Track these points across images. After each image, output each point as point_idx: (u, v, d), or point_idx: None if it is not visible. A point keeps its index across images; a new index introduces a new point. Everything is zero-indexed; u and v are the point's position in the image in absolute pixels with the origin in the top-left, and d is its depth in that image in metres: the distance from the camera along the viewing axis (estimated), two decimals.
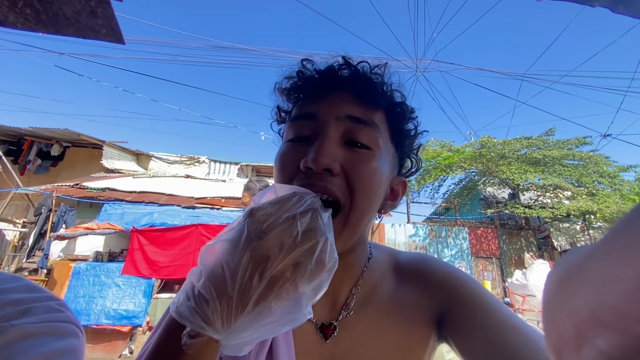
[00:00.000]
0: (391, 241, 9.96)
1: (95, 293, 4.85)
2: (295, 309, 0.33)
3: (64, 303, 0.42)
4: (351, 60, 0.50)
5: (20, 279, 0.42)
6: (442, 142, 11.18)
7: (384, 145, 0.48)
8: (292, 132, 0.49)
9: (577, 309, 0.15)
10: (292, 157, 0.46)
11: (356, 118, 0.46)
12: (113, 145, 9.49)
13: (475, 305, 0.46)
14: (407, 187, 0.55)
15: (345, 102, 0.47)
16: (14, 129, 8.50)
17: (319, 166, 0.42)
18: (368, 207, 0.45)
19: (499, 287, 9.66)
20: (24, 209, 8.31)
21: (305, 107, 0.49)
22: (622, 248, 0.13)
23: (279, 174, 0.47)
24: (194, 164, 11.10)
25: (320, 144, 0.43)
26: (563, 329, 0.16)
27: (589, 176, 9.71)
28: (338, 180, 0.43)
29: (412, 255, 0.58)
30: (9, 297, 0.37)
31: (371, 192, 0.44)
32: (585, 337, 0.14)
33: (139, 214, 5.84)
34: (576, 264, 0.16)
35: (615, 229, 0.14)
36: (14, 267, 7.00)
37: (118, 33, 1.09)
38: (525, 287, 5.84)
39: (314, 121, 0.47)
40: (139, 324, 4.78)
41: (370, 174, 0.44)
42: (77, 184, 7.20)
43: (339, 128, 0.46)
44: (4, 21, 1.04)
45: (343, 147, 0.45)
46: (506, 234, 10.64)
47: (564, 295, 0.16)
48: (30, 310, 0.37)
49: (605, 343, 0.13)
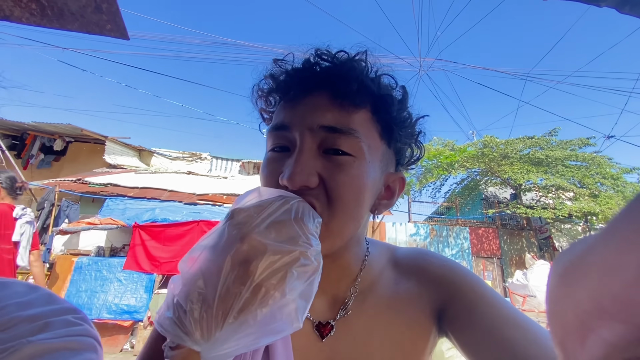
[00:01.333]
0: (392, 240, 9.97)
1: (97, 288, 4.88)
2: (283, 317, 0.31)
3: (84, 316, 0.41)
4: (325, 55, 0.46)
5: (37, 289, 0.41)
6: (445, 141, 11.14)
7: (370, 148, 0.44)
8: (271, 142, 0.47)
9: (580, 300, 0.15)
10: (273, 169, 0.44)
11: (331, 127, 0.42)
12: (115, 141, 9.52)
13: (475, 300, 0.46)
14: (405, 182, 0.53)
15: (319, 109, 0.43)
16: (17, 123, 8.53)
17: (294, 185, 0.40)
18: (350, 214, 0.43)
19: (499, 287, 9.66)
20: (27, 203, 8.35)
21: (280, 116, 0.46)
22: (623, 236, 0.13)
23: (263, 185, 0.46)
24: (195, 161, 11.13)
25: (295, 160, 0.41)
26: (566, 320, 0.16)
27: (592, 177, 9.66)
28: (316, 191, 0.41)
29: (410, 250, 0.57)
30: (26, 313, 0.36)
31: (352, 199, 0.42)
32: (589, 327, 0.14)
33: (141, 210, 5.86)
34: (578, 255, 0.16)
35: (616, 219, 0.14)
36: None
37: (122, 29, 1.09)
38: (525, 287, 5.84)
39: (289, 132, 0.44)
40: (140, 318, 4.81)
41: (350, 181, 0.42)
42: (79, 179, 7.23)
43: (314, 139, 0.43)
44: (9, 15, 1.04)
45: (321, 157, 0.43)
46: (507, 234, 10.62)
47: (566, 287, 0.16)
48: (47, 325, 0.36)
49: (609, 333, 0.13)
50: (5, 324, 0.34)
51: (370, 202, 0.47)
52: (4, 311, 0.36)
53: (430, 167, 10.77)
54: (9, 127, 8.76)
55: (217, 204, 6.94)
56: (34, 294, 0.40)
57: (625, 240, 0.13)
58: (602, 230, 0.15)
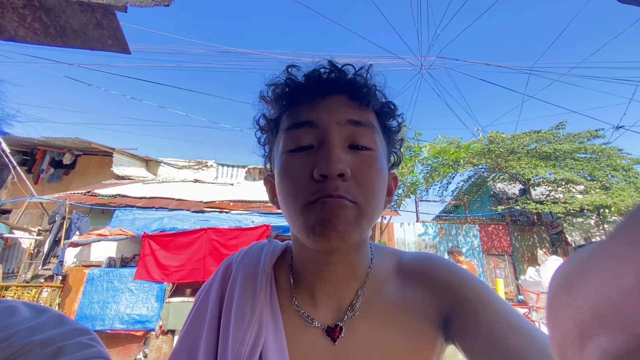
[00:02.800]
0: (400, 240, 9.90)
1: (109, 298, 4.93)
2: None
3: (95, 337, 0.41)
4: (337, 63, 0.50)
5: (47, 311, 0.41)
6: (450, 139, 11.06)
7: (381, 144, 0.49)
8: (292, 142, 0.47)
9: (580, 308, 0.15)
10: (299, 167, 0.45)
11: (356, 121, 0.47)
12: (123, 152, 9.66)
13: (479, 306, 0.45)
14: (398, 181, 0.57)
15: (342, 106, 0.47)
16: (27, 139, 8.72)
17: (334, 173, 0.42)
18: (379, 202, 0.47)
19: (512, 284, 9.51)
20: (39, 217, 8.51)
21: (303, 115, 0.48)
22: (623, 246, 0.13)
23: (288, 186, 0.45)
24: (202, 169, 11.23)
25: (329, 150, 0.43)
26: (566, 328, 0.16)
27: (602, 169, 9.48)
28: (350, 184, 0.43)
29: (416, 255, 0.57)
30: (39, 338, 0.36)
31: (379, 191, 0.46)
32: (587, 336, 0.14)
33: (150, 219, 5.93)
34: (578, 263, 0.16)
35: (616, 229, 0.14)
36: (30, 275, 7.17)
37: (124, 43, 1.11)
38: (539, 284, 5.73)
39: (316, 129, 0.46)
40: (152, 328, 4.84)
41: (376, 174, 0.46)
42: (89, 192, 7.34)
43: (341, 133, 0.46)
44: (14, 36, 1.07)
45: (348, 152, 0.46)
46: (518, 230, 10.47)
47: (566, 295, 0.16)
48: (61, 350, 0.36)
49: (608, 341, 0.13)
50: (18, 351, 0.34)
51: (385, 195, 0.50)
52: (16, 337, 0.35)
53: (436, 165, 10.70)
54: (19, 143, 8.96)
55: (225, 210, 6.98)
56: (44, 317, 0.40)
57: (624, 249, 0.13)
58: (602, 240, 0.15)
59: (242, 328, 0.47)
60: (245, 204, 7.62)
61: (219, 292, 0.54)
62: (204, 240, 5.34)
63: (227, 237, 5.40)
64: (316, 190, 0.42)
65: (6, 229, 7.16)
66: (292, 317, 0.50)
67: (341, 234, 0.42)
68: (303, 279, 0.53)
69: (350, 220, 0.42)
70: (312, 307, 0.51)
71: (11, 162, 2.26)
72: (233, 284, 0.54)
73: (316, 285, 0.51)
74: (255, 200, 7.83)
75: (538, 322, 5.03)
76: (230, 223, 5.81)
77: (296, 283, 0.54)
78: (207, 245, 5.30)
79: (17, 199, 7.50)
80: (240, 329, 0.47)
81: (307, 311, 0.50)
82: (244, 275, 0.54)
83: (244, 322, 0.47)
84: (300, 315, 0.50)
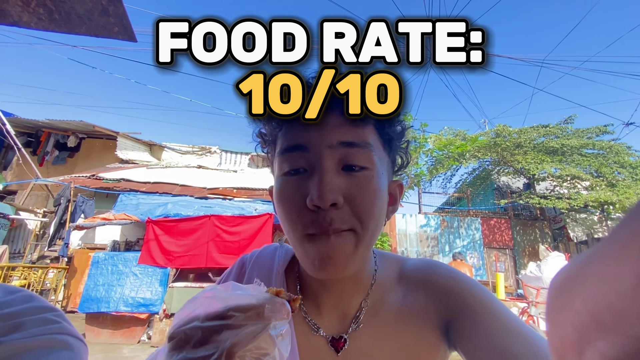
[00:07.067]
0: (402, 232, 9.94)
1: (114, 281, 5.02)
2: None
3: (62, 313, 0.41)
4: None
5: (19, 291, 0.41)
6: (456, 131, 10.92)
7: (379, 160, 0.47)
8: (286, 165, 0.46)
9: (578, 312, 0.15)
10: (294, 193, 0.44)
11: (349, 143, 0.44)
12: (127, 136, 9.66)
13: (479, 311, 0.46)
14: (403, 188, 0.55)
15: (335, 125, 0.44)
16: (31, 121, 8.73)
17: (325, 205, 0.41)
18: (377, 225, 0.45)
19: (512, 279, 9.57)
20: (44, 199, 8.60)
21: (294, 138, 0.46)
22: (619, 248, 0.13)
23: (284, 211, 0.45)
24: (205, 154, 11.22)
25: (320, 179, 0.42)
26: (565, 333, 0.15)
27: (609, 166, 9.37)
28: (344, 212, 0.42)
29: (418, 262, 0.58)
30: (1, 312, 0.36)
31: (376, 211, 0.45)
32: (586, 340, 0.14)
33: (154, 205, 5.97)
34: (577, 267, 0.16)
35: (613, 232, 0.14)
36: (37, 255, 7.31)
37: (130, 31, 1.08)
38: (539, 279, 5.76)
39: (308, 152, 0.44)
40: (156, 311, 4.94)
41: (372, 196, 0.44)
42: (93, 175, 7.38)
43: (333, 157, 0.44)
44: (18, 21, 1.04)
45: (341, 174, 0.44)
46: (520, 224, 10.46)
47: (564, 299, 0.16)
48: (22, 325, 0.36)
49: (607, 345, 0.13)
50: None
51: (385, 210, 0.49)
52: None
53: (440, 157, 10.61)
54: (24, 124, 8.97)
55: (228, 197, 7.01)
56: (14, 295, 0.40)
57: (621, 251, 0.13)
58: (600, 241, 0.15)
59: None
60: (248, 191, 7.64)
61: None
62: (208, 227, 5.38)
63: (230, 224, 5.44)
64: (311, 222, 0.42)
65: (12, 210, 7.25)
66: (300, 323, 0.51)
67: (340, 268, 0.43)
68: (309, 288, 0.54)
69: (348, 251, 0.42)
70: (317, 315, 0.52)
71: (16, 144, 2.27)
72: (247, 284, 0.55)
73: (321, 296, 0.52)
74: (258, 188, 7.84)
75: (537, 316, 5.07)
76: (234, 210, 5.84)
77: (303, 290, 0.55)
78: (210, 232, 5.34)
79: (22, 180, 7.57)
80: None
81: (313, 318, 0.52)
82: (258, 276, 0.55)
83: None
84: (307, 322, 0.51)
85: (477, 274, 9.45)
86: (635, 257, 0.12)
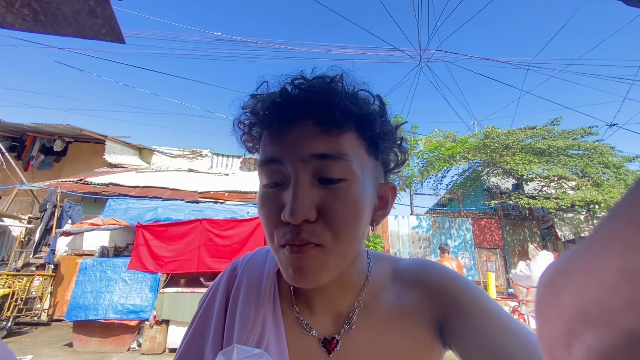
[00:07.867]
0: (394, 233, 9.99)
1: (103, 288, 4.90)
2: None
3: None
4: (303, 83, 0.46)
5: None
6: (446, 133, 11.07)
7: (361, 167, 0.45)
8: (264, 178, 0.46)
9: (565, 306, 0.15)
10: (271, 205, 0.44)
11: (323, 155, 0.42)
12: (115, 140, 9.50)
13: (472, 310, 0.46)
14: (396, 190, 0.53)
15: (307, 136, 0.43)
16: (16, 125, 8.51)
17: (297, 220, 0.41)
18: (352, 237, 0.44)
19: (503, 278, 9.70)
20: (29, 204, 8.38)
21: (269, 150, 0.45)
22: (604, 241, 0.13)
23: (263, 222, 0.46)
24: (196, 158, 11.11)
25: (294, 194, 0.41)
26: (553, 328, 0.16)
27: (594, 166, 9.62)
28: (317, 226, 0.42)
29: (412, 261, 0.58)
30: None
31: (352, 223, 0.44)
32: (574, 334, 0.14)
33: (143, 209, 5.87)
34: (564, 262, 0.16)
35: (598, 226, 0.14)
36: (21, 263, 7.09)
37: (118, 32, 1.06)
38: (529, 278, 5.85)
39: (282, 166, 0.44)
40: (146, 318, 4.84)
41: (349, 208, 0.43)
42: (81, 180, 7.23)
43: (307, 170, 0.43)
44: (2, 22, 1.01)
45: (317, 187, 0.43)
46: (510, 224, 10.63)
47: (553, 295, 0.16)
48: None
49: (593, 339, 0.13)
50: None
51: (369, 218, 0.48)
52: None
53: (431, 159, 10.73)
54: (8, 128, 8.74)
55: (219, 201, 6.94)
56: None
57: (606, 244, 0.13)
58: (586, 237, 0.16)
59: (246, 330, 0.48)
60: (240, 194, 7.59)
61: (225, 295, 0.55)
62: (199, 231, 5.31)
63: (222, 228, 5.38)
64: (284, 234, 0.43)
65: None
66: (292, 324, 0.51)
67: (312, 280, 0.43)
68: (301, 289, 0.53)
69: (317, 265, 0.42)
70: (310, 316, 0.52)
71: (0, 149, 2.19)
72: (238, 287, 0.55)
73: (313, 297, 0.52)
74: (250, 191, 7.79)
75: (527, 315, 5.15)
76: (225, 214, 5.79)
77: (295, 291, 0.55)
78: (201, 236, 5.27)
79: (6, 186, 7.36)
80: (244, 330, 0.48)
81: (306, 319, 0.52)
82: (249, 279, 0.55)
83: (247, 324, 0.49)
84: (300, 323, 0.51)
85: (468, 273, 9.55)
86: (618, 253, 0.12)
